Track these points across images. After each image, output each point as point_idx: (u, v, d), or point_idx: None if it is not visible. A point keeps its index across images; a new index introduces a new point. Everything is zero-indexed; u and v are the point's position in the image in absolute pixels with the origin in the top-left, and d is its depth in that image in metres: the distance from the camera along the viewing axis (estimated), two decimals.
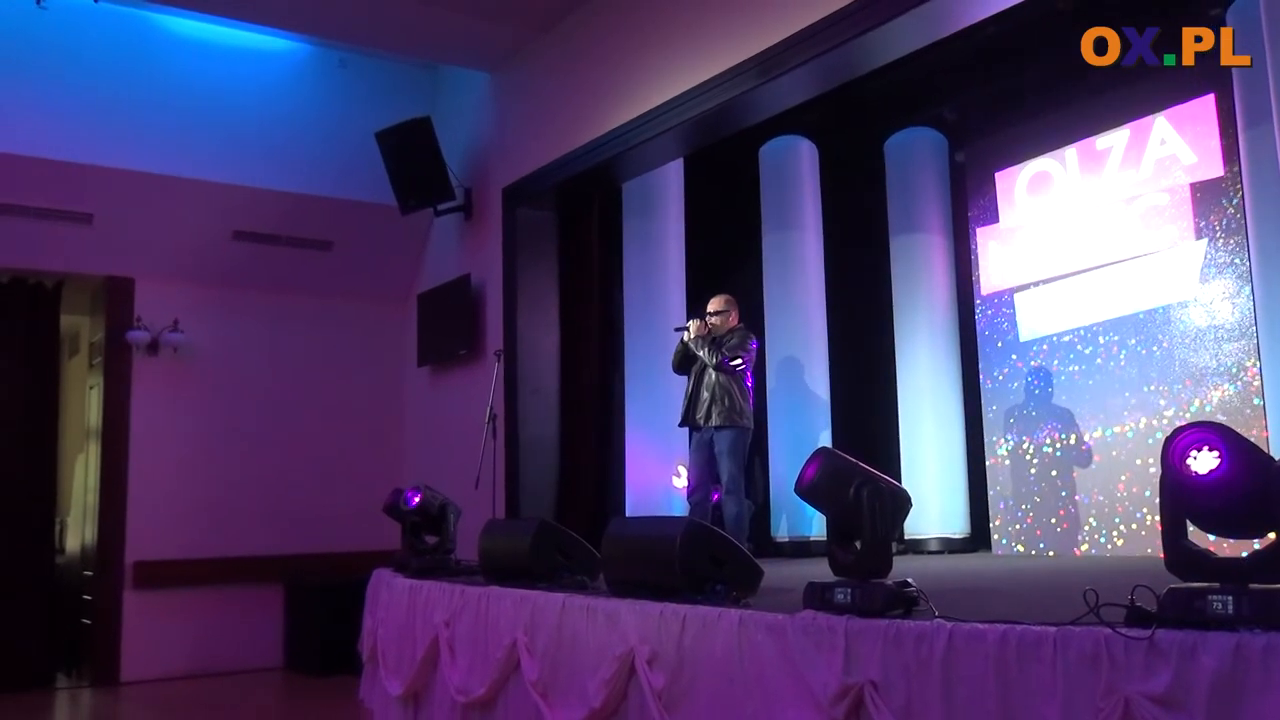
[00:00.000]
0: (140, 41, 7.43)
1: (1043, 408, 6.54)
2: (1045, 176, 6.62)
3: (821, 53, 5.12)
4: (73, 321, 8.69)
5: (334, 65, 8.15)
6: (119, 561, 7.60)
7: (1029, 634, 2.41)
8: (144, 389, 7.82)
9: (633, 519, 5.84)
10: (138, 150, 7.27)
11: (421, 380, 8.50)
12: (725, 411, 5.75)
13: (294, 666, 7.89)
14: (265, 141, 7.76)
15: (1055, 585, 4.11)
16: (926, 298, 7.11)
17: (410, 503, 5.52)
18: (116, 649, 7.52)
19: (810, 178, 7.33)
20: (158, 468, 7.75)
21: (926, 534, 6.76)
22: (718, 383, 5.80)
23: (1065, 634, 2.34)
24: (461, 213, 7.94)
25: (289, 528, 8.10)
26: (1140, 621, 2.27)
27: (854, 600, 2.85)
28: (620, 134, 6.39)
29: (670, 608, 3.39)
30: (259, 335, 8.26)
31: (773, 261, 7.21)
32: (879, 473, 3.02)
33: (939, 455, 6.91)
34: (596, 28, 6.77)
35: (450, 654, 4.62)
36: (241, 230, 7.89)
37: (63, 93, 7.06)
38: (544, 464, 7.16)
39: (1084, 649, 2.30)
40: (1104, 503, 6.11)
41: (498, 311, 7.42)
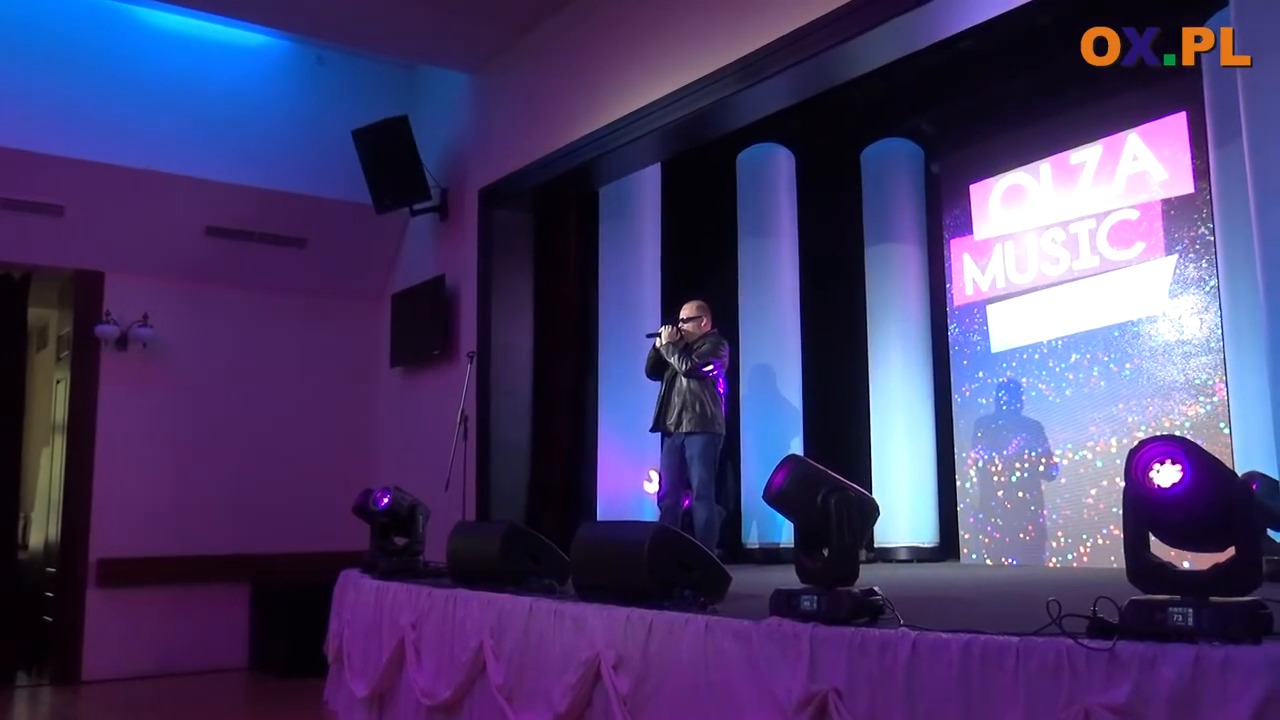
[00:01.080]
0: (116, 33, 7.36)
1: (1013, 419, 6.59)
2: (1019, 189, 6.67)
3: (801, 60, 5.14)
4: (41, 314, 8.58)
5: (312, 62, 8.10)
6: (83, 559, 7.50)
7: (992, 644, 2.42)
8: (112, 384, 7.73)
9: (602, 523, 5.83)
10: (111, 143, 7.19)
11: (394, 380, 8.46)
12: (696, 418, 5.71)
13: (259, 667, 7.82)
14: (240, 137, 7.69)
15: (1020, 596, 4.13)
16: (900, 307, 7.15)
17: (379, 503, 5.48)
18: (79, 647, 7.42)
19: (787, 186, 7.36)
20: (124, 464, 7.66)
21: (895, 543, 6.79)
22: (689, 389, 5.76)
23: (1028, 644, 2.36)
24: (437, 213, 7.91)
25: (257, 527, 8.02)
26: (1102, 633, 2.28)
27: (820, 608, 2.86)
28: (598, 137, 6.39)
29: (637, 613, 3.38)
30: (230, 332, 8.19)
31: (748, 268, 7.24)
32: (847, 481, 3.03)
33: (909, 464, 6.95)
34: (577, 31, 6.77)
35: (416, 656, 4.59)
36: (214, 226, 7.82)
37: (36, 83, 6.97)
38: (515, 467, 7.14)
39: (1046, 659, 2.31)
40: (1071, 514, 6.16)
41: (472, 313, 7.39)
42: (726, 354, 5.93)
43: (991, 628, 2.53)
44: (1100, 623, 2.31)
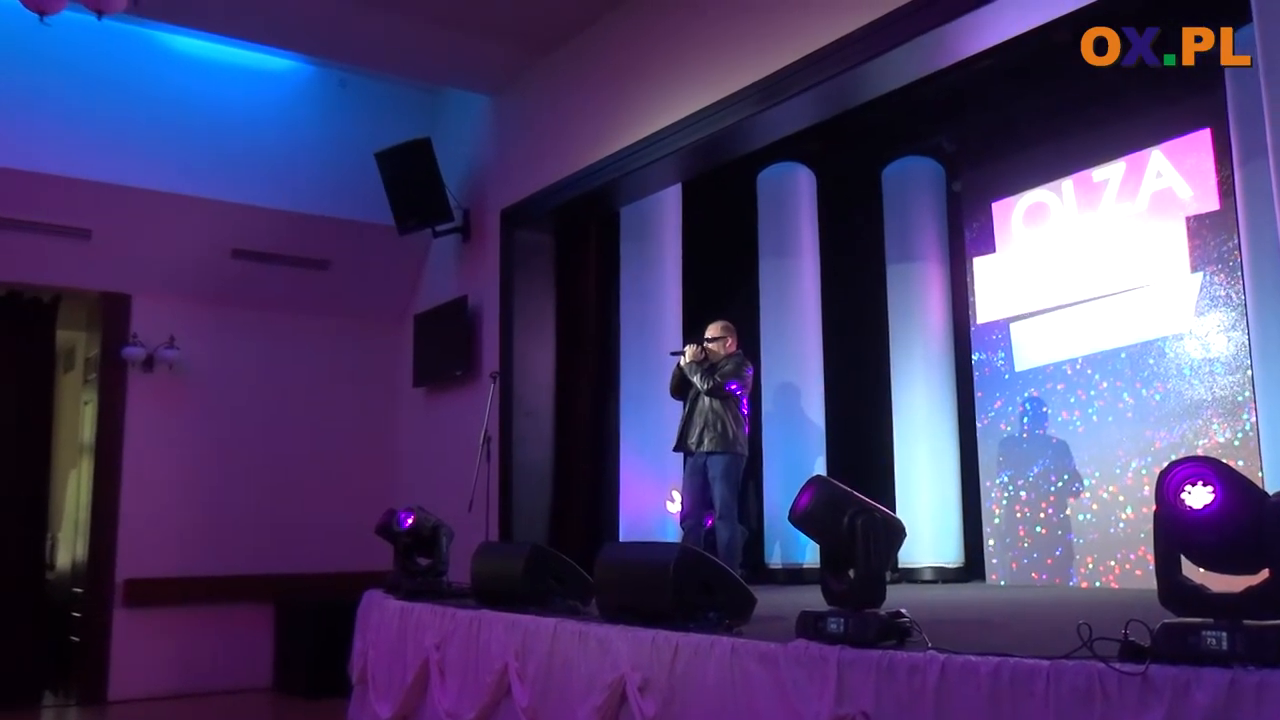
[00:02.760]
0: (143, 59, 7.45)
1: (1038, 438, 6.55)
2: (1042, 207, 6.65)
3: (821, 81, 5.14)
4: (68, 337, 8.67)
5: (335, 85, 8.17)
6: (109, 579, 7.54)
7: (1022, 667, 2.40)
8: (138, 405, 7.79)
9: (626, 544, 5.81)
10: (138, 167, 7.27)
11: (417, 401, 8.49)
12: (718, 437, 5.71)
13: (283, 688, 7.83)
14: (265, 160, 7.77)
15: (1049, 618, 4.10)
16: (922, 326, 7.13)
17: (403, 524, 5.50)
18: (105, 667, 7.45)
19: (808, 205, 7.37)
20: (150, 485, 7.71)
21: (920, 563, 6.75)
22: (711, 409, 5.77)
23: (1058, 667, 2.34)
24: (459, 234, 7.95)
25: (281, 547, 8.05)
26: (1134, 656, 2.26)
27: (847, 630, 2.84)
28: (619, 158, 6.41)
29: (663, 634, 3.37)
30: (255, 353, 8.24)
31: (769, 288, 7.24)
32: (873, 502, 3.02)
33: (933, 484, 6.91)
34: (597, 53, 6.81)
35: (440, 677, 4.59)
36: (239, 248, 7.89)
37: (65, 108, 7.06)
38: (538, 487, 7.14)
39: (1077, 683, 2.29)
40: (1099, 535, 6.10)
41: (494, 333, 7.42)
42: (750, 374, 5.95)
43: (1021, 650, 2.51)
44: (1132, 646, 2.29)
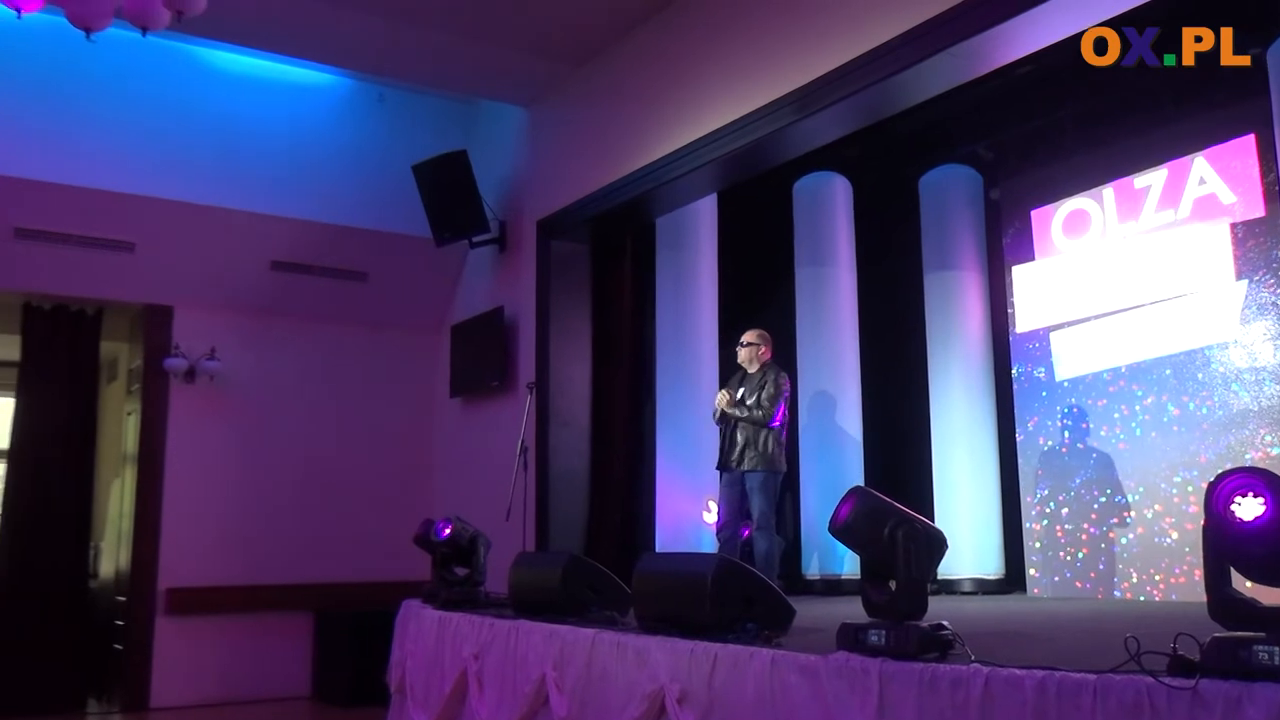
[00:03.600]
0: (185, 75, 7.57)
1: (1079, 448, 6.46)
2: (1082, 215, 6.58)
3: (858, 90, 5.13)
4: (112, 348, 8.79)
5: (372, 99, 8.27)
6: (152, 587, 7.64)
7: (1068, 681, 2.36)
8: (180, 416, 7.89)
9: (663, 554, 5.82)
10: (180, 180, 7.39)
11: (453, 411, 8.53)
12: (758, 457, 5.85)
13: (321, 696, 7.88)
14: (304, 173, 7.86)
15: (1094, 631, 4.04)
16: (960, 335, 7.07)
17: (441, 534, 5.52)
18: (147, 675, 7.54)
19: (844, 214, 7.33)
20: (192, 495, 7.81)
21: (960, 575, 6.67)
22: (752, 429, 5.87)
23: (1106, 682, 2.30)
24: (496, 245, 8.00)
25: (319, 556, 8.12)
26: (1183, 671, 2.22)
27: (888, 642, 2.81)
28: (655, 169, 6.42)
29: (701, 646, 3.36)
30: (294, 364, 8.33)
31: (805, 297, 7.21)
32: (914, 513, 2.99)
33: (973, 494, 6.84)
34: (632, 64, 6.83)
35: (479, 687, 4.60)
36: (279, 260, 7.98)
37: (109, 124, 7.20)
38: (574, 497, 7.15)
39: (1125, 698, 2.25)
40: (1142, 548, 6.01)
41: (530, 344, 7.44)
42: (788, 388, 5.99)
43: (1066, 664, 2.47)
44: (1181, 660, 2.25)
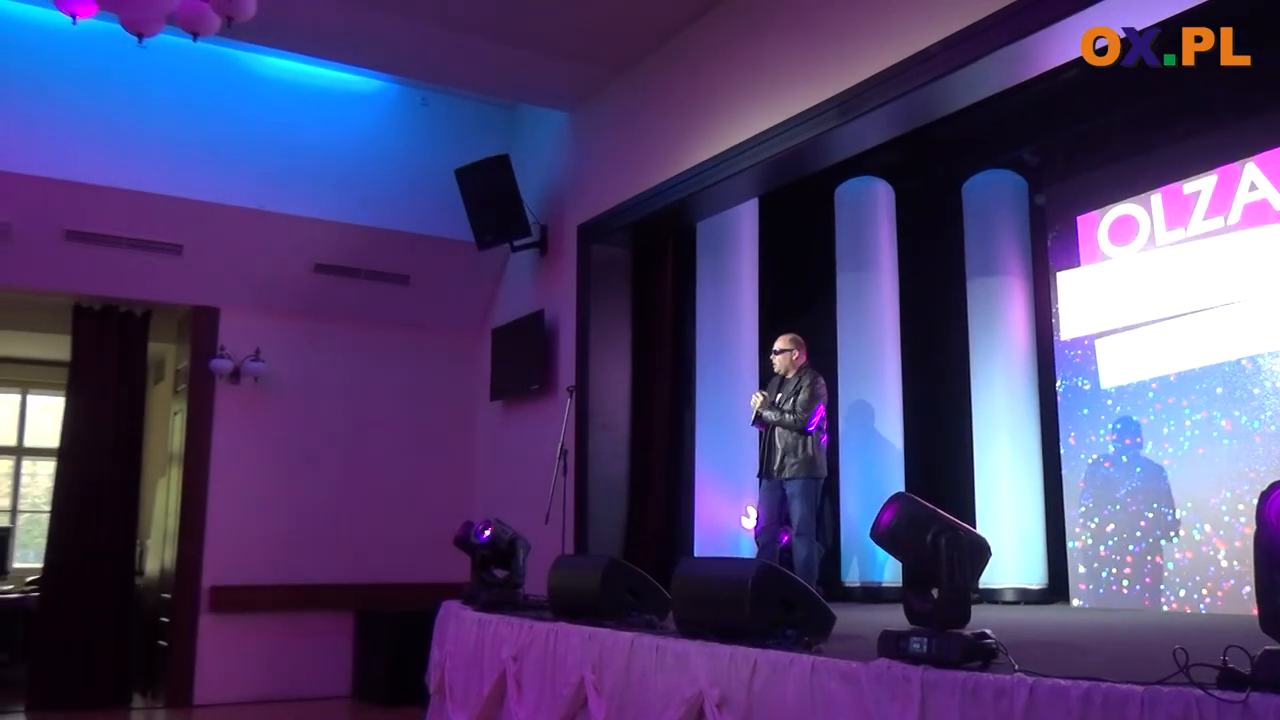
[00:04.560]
0: (232, 80, 7.68)
1: (1127, 457, 6.37)
2: (1129, 221, 6.49)
3: (901, 95, 5.10)
4: (159, 349, 8.93)
5: (416, 104, 8.34)
6: (196, 585, 7.74)
7: (1114, 692, 2.33)
8: (225, 416, 8.00)
9: (702, 559, 5.81)
10: (227, 184, 7.50)
11: (494, 414, 8.58)
12: (799, 463, 5.84)
13: (361, 695, 7.95)
14: (348, 177, 7.95)
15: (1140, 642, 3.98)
16: (1004, 342, 7.00)
17: (481, 536, 5.56)
18: (191, 671, 7.64)
19: (886, 219, 7.29)
20: (236, 494, 7.91)
21: (1002, 584, 6.60)
22: (791, 435, 5.86)
23: (1153, 694, 2.26)
24: (537, 249, 8.03)
25: (360, 557, 8.20)
26: (1234, 684, 2.18)
27: (930, 650, 2.79)
28: (696, 173, 6.43)
29: (741, 651, 3.35)
30: (337, 366, 8.42)
31: (846, 302, 7.17)
32: (958, 520, 2.97)
33: (1016, 503, 6.76)
34: (674, 68, 6.83)
35: (517, 689, 4.61)
36: (323, 263, 8.07)
37: (158, 128, 7.31)
38: (613, 501, 7.16)
39: (1174, 710, 2.21)
40: (1191, 561, 5.91)
41: (570, 347, 7.47)
42: (823, 392, 5.95)
43: (1112, 675, 2.43)
44: (1231, 673, 2.21)
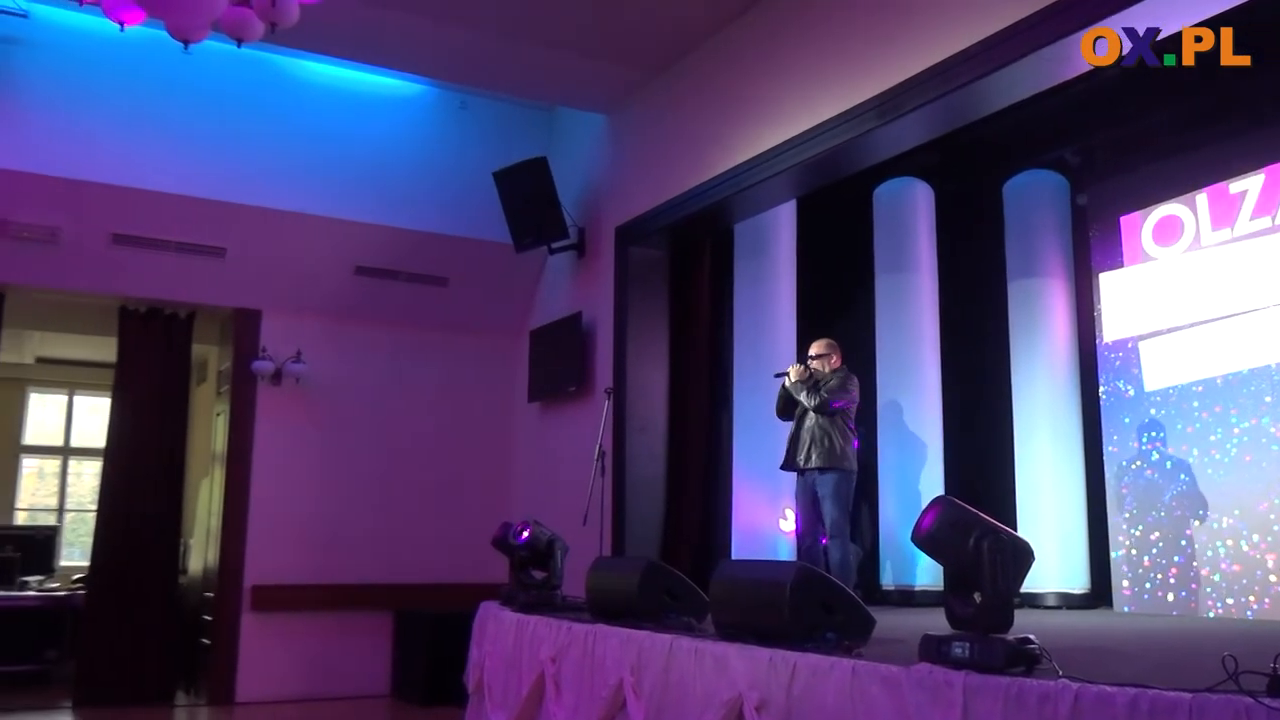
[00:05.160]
0: (274, 85, 7.78)
1: (1170, 460, 6.28)
2: (1174, 221, 6.40)
3: (941, 95, 5.06)
4: (202, 350, 9.06)
5: (455, 107, 8.40)
6: (238, 584, 7.83)
7: (1161, 699, 2.30)
8: (267, 417, 8.09)
9: (741, 561, 5.79)
10: (270, 188, 7.59)
11: (531, 415, 8.61)
12: (825, 453, 5.79)
13: (400, 695, 8.01)
14: (388, 180, 8.02)
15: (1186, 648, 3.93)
16: (1045, 344, 6.93)
17: (519, 537, 5.58)
18: (233, 669, 7.74)
19: (925, 220, 7.25)
20: (277, 494, 8.00)
21: (1044, 588, 6.53)
22: (819, 425, 5.86)
23: (1201, 701, 2.23)
24: (574, 251, 8.06)
25: (399, 557, 8.26)
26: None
27: (973, 655, 2.77)
28: (733, 175, 6.42)
29: (780, 654, 3.34)
30: (376, 367, 8.50)
31: (885, 304, 7.13)
32: (1000, 524, 2.94)
33: (1057, 506, 6.69)
34: (711, 70, 6.83)
35: (556, 690, 4.63)
36: (363, 265, 8.15)
37: (202, 133, 7.42)
38: (650, 503, 7.15)
39: (1222, 718, 2.19)
40: (1238, 568, 5.82)
41: (608, 349, 7.48)
42: (856, 390, 5.95)
43: (1159, 682, 2.40)
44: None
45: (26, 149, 6.86)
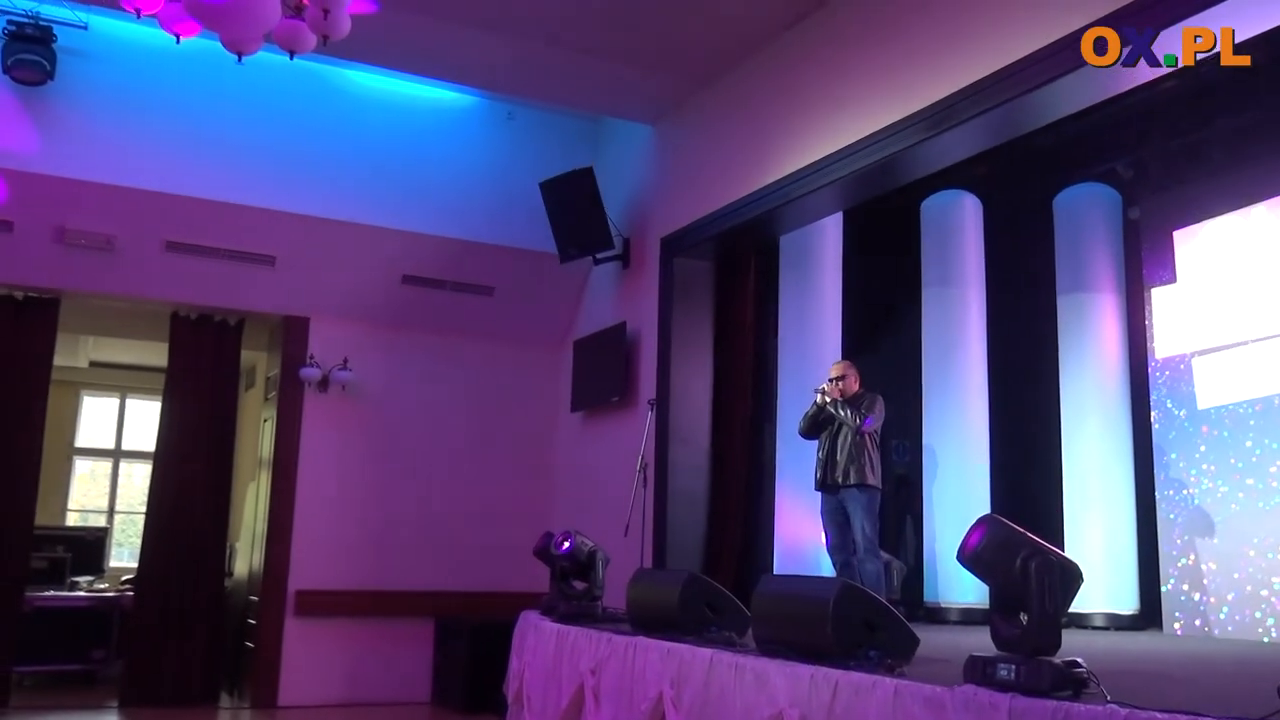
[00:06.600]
0: (325, 96, 7.88)
1: (1223, 481, 6.14)
2: (1229, 235, 6.28)
3: (991, 108, 4.99)
4: (251, 356, 9.18)
5: (502, 117, 8.45)
6: (282, 589, 7.91)
7: None
8: (313, 424, 8.17)
9: (783, 577, 5.73)
10: (319, 197, 7.68)
11: (574, 425, 8.62)
12: (860, 470, 5.87)
13: (440, 702, 8.03)
14: (436, 190, 8.09)
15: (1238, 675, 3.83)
16: (1095, 359, 6.82)
17: (561, 548, 5.58)
18: (277, 673, 7.81)
19: (974, 233, 7.17)
20: (322, 500, 8.08)
21: (1091, 609, 6.41)
22: (853, 444, 5.93)
23: None
24: (619, 261, 8.07)
25: (441, 564, 8.30)
26: None
27: (1019, 678, 2.72)
28: (780, 187, 6.38)
29: (822, 671, 3.31)
30: (421, 375, 8.56)
31: (932, 318, 7.07)
32: (1048, 544, 2.89)
33: (1106, 526, 6.58)
34: (759, 81, 6.81)
35: (595, 702, 4.62)
36: (410, 274, 8.22)
37: (254, 143, 7.53)
38: (692, 515, 7.11)
39: None
40: None
41: (651, 360, 7.47)
42: (882, 406, 6.04)
43: (1211, 710, 2.35)
44: None
45: (84, 158, 7.00)
